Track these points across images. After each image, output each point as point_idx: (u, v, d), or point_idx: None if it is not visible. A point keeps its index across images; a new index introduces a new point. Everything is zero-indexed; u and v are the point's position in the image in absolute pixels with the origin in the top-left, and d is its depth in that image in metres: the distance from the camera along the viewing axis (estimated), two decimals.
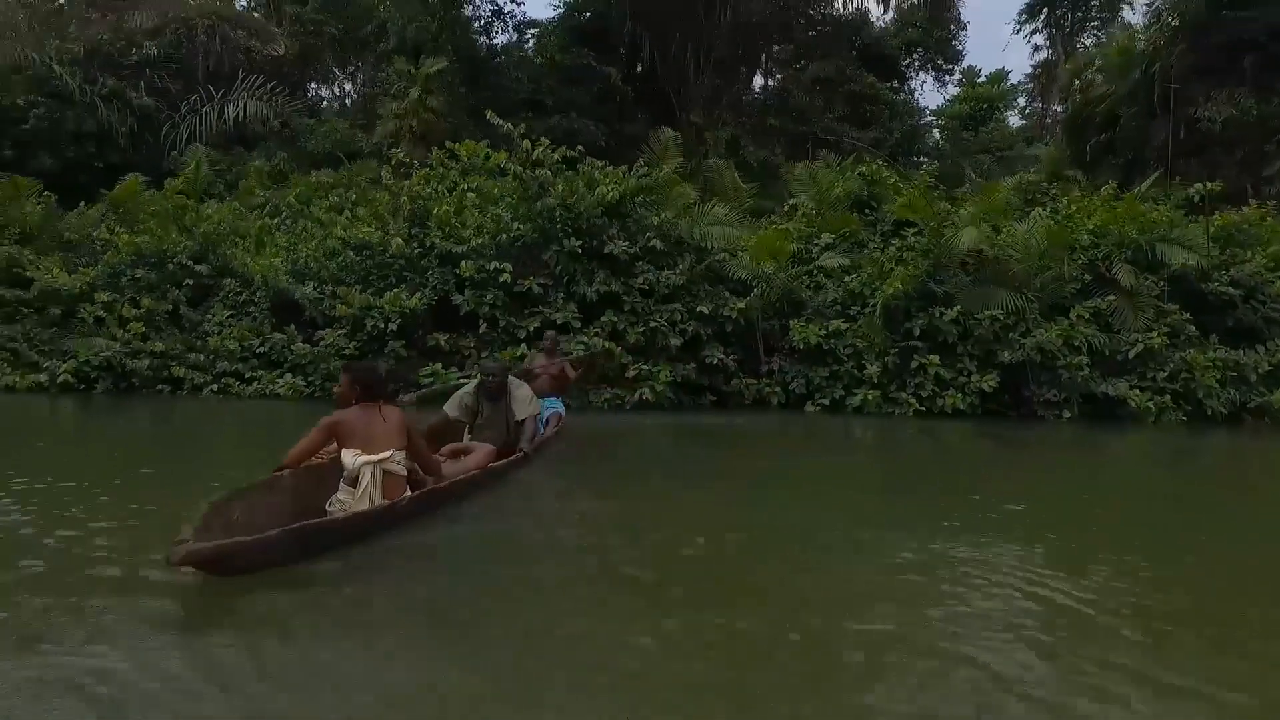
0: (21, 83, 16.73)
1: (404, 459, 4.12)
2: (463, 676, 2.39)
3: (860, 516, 4.96)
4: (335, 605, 3.01)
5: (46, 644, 2.49)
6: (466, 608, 3.03)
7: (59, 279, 11.83)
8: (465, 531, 4.27)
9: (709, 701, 2.26)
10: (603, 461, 7.37)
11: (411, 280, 11.22)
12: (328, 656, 2.49)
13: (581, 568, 3.71)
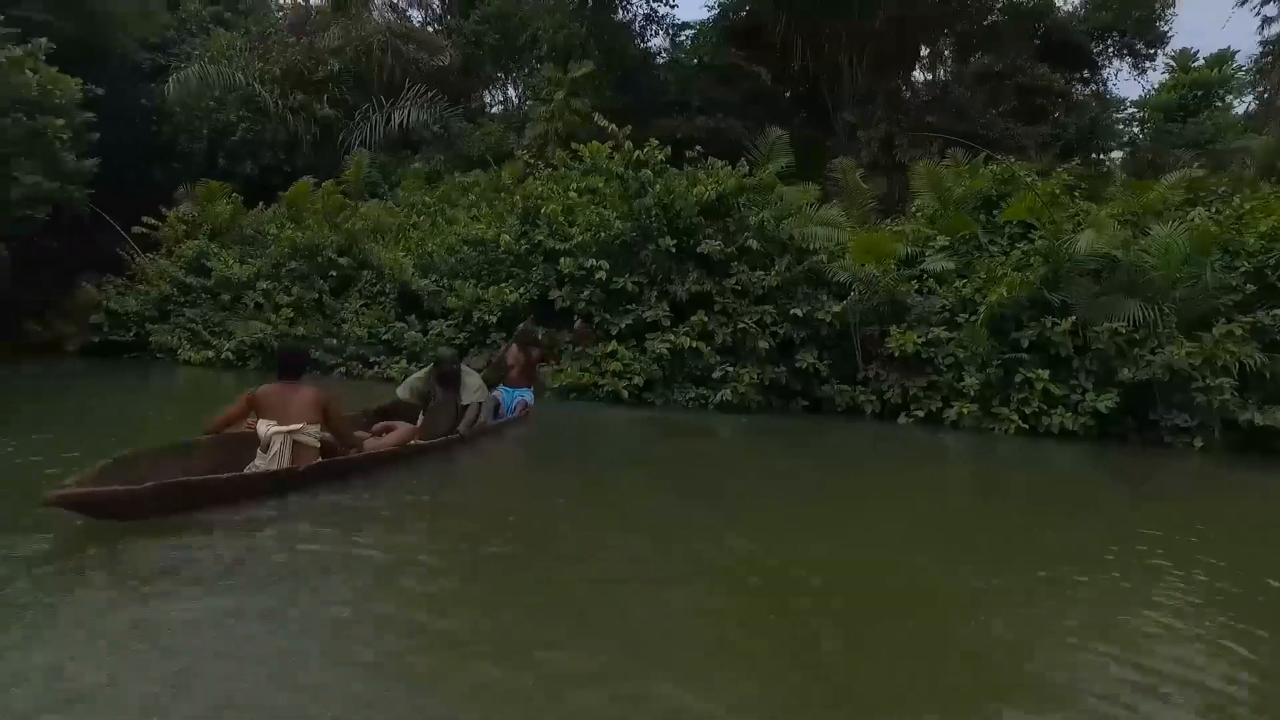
0: (234, 101, 19.14)
1: (316, 432, 4.44)
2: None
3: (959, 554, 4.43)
4: (196, 557, 3.38)
5: None
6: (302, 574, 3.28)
7: (232, 269, 13.48)
8: (385, 499, 4.75)
9: None
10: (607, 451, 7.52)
11: (518, 276, 11.77)
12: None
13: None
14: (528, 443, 7.88)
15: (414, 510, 4.74)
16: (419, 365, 11.62)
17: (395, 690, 2.42)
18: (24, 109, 12.81)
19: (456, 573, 3.62)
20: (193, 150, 19.13)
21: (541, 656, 2.66)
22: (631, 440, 8.61)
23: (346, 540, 3.80)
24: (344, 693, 2.38)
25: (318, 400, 4.78)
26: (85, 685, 2.34)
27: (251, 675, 2.43)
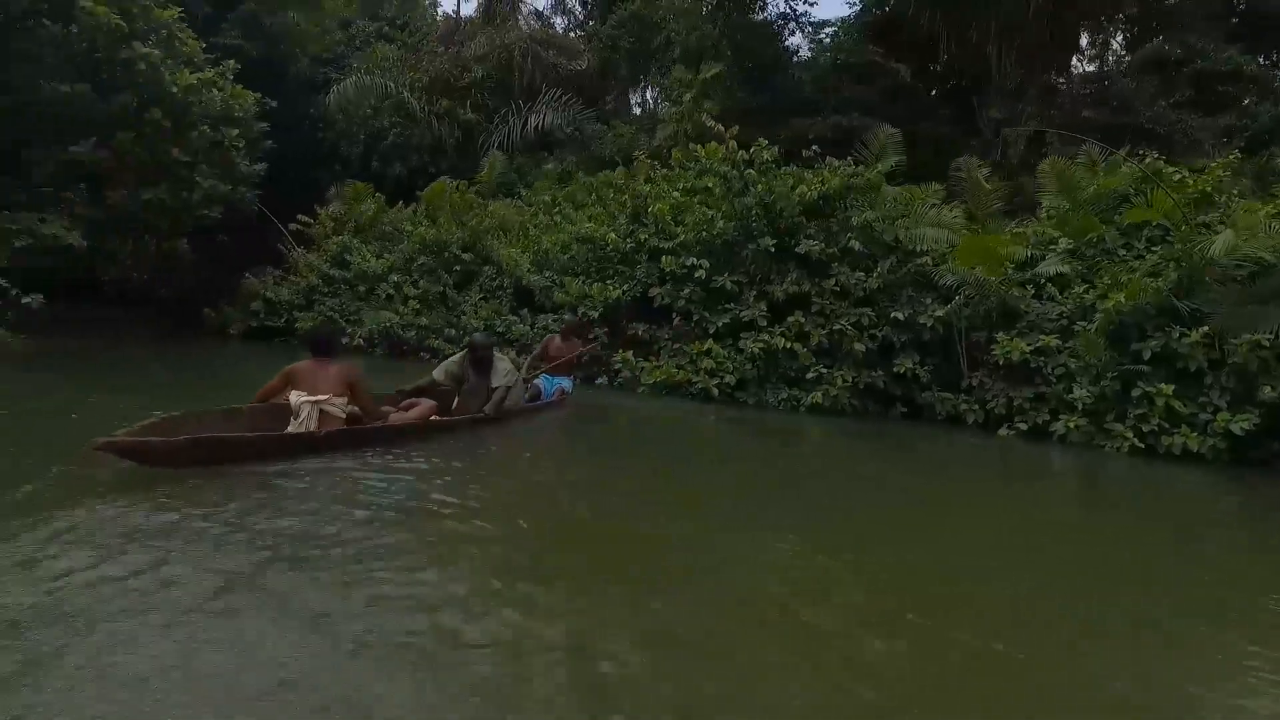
0: (387, 108, 20.72)
1: (343, 404, 4.88)
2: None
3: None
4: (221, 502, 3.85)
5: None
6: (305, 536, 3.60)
7: (369, 263, 14.61)
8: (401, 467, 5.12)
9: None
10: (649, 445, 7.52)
11: (623, 273, 12.03)
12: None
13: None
14: (603, 434, 8.11)
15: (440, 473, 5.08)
16: (521, 355, 12.26)
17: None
18: (208, 122, 14.44)
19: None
20: (351, 154, 20.83)
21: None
22: (713, 436, 8.63)
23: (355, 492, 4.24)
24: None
25: (345, 376, 5.41)
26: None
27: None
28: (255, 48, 19.97)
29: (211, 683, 2.27)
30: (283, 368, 5.41)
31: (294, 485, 4.36)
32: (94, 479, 4.14)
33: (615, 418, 9.37)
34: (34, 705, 2.10)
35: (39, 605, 2.65)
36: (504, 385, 6.81)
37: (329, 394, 5.24)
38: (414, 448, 5.62)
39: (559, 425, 8.21)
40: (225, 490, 4.06)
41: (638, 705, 2.37)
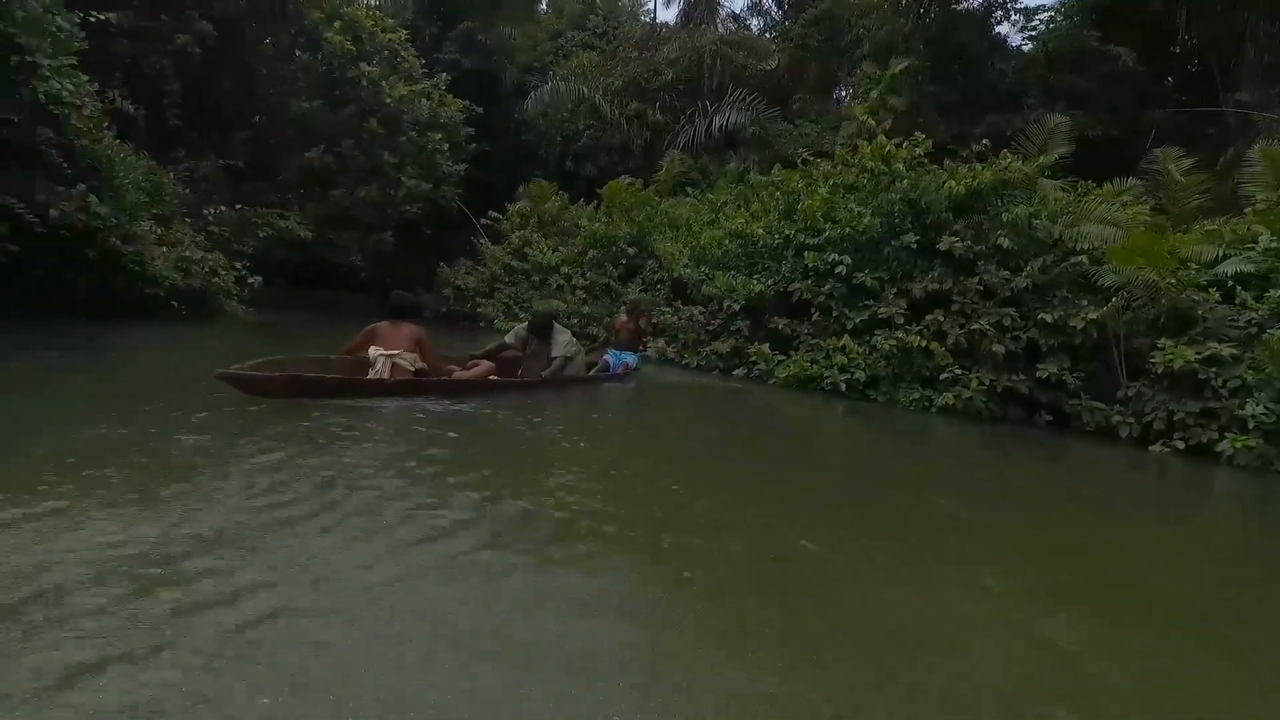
0: (581, 112, 22.15)
1: (412, 359, 6.21)
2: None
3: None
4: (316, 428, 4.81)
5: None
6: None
7: (545, 255, 15.87)
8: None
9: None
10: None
11: (771, 269, 12.21)
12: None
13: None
14: (715, 420, 8.45)
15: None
16: (672, 344, 12.81)
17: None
18: (417, 129, 16.41)
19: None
20: (548, 155, 22.50)
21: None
22: (836, 433, 8.70)
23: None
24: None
25: (414, 335, 6.56)
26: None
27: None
28: (471, 61, 22.16)
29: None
30: (369, 326, 6.60)
31: (369, 416, 5.53)
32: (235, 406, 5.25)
33: (742, 407, 9.68)
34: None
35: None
36: (562, 355, 7.70)
37: (400, 349, 6.35)
38: (469, 400, 6.60)
39: (691, 408, 8.91)
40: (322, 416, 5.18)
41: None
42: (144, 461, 3.93)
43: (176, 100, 13.58)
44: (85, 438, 4.19)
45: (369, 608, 2.60)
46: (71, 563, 2.63)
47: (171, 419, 4.69)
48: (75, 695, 1.95)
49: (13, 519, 2.95)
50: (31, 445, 4.04)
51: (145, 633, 2.26)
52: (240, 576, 2.70)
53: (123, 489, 3.44)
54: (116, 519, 3.07)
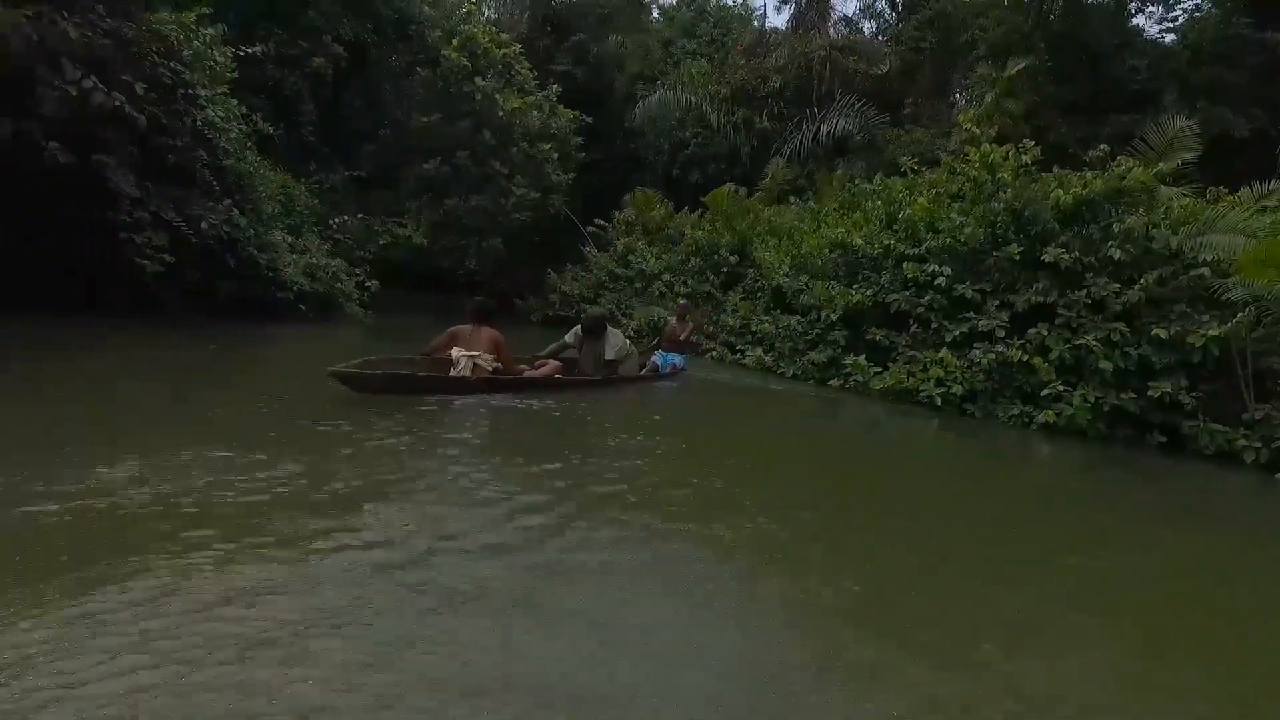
0: (690, 120, 22.41)
1: (490, 360, 6.89)
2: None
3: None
4: (413, 420, 5.55)
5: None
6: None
7: (649, 262, 16.20)
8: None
9: None
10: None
11: (870, 279, 12.05)
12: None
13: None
14: (825, 432, 8.52)
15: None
16: (768, 353, 12.83)
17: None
18: (528, 140, 17.09)
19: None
20: (655, 163, 22.86)
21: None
22: (928, 447, 8.58)
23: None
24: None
25: (494, 338, 7.22)
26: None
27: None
28: (582, 71, 22.81)
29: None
30: (451, 328, 7.33)
31: (455, 409, 6.49)
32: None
33: (836, 418, 9.72)
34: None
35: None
36: (616, 358, 8.53)
37: (480, 350, 7.04)
38: (540, 395, 7.43)
39: (783, 418, 9.19)
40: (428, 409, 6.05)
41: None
42: (295, 433, 5.24)
43: (311, 118, 14.72)
44: (251, 413, 5.75)
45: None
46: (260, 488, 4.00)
47: (302, 405, 5.92)
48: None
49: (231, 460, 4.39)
50: (216, 414, 5.70)
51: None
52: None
53: (286, 448, 4.79)
54: (299, 461, 4.52)
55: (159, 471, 4.08)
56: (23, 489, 3.63)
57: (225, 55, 10.48)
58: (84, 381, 6.59)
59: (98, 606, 2.60)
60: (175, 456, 4.36)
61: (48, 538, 3.15)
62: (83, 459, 4.18)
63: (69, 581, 2.77)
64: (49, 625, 2.46)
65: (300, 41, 14.74)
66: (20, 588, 2.70)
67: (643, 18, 27.12)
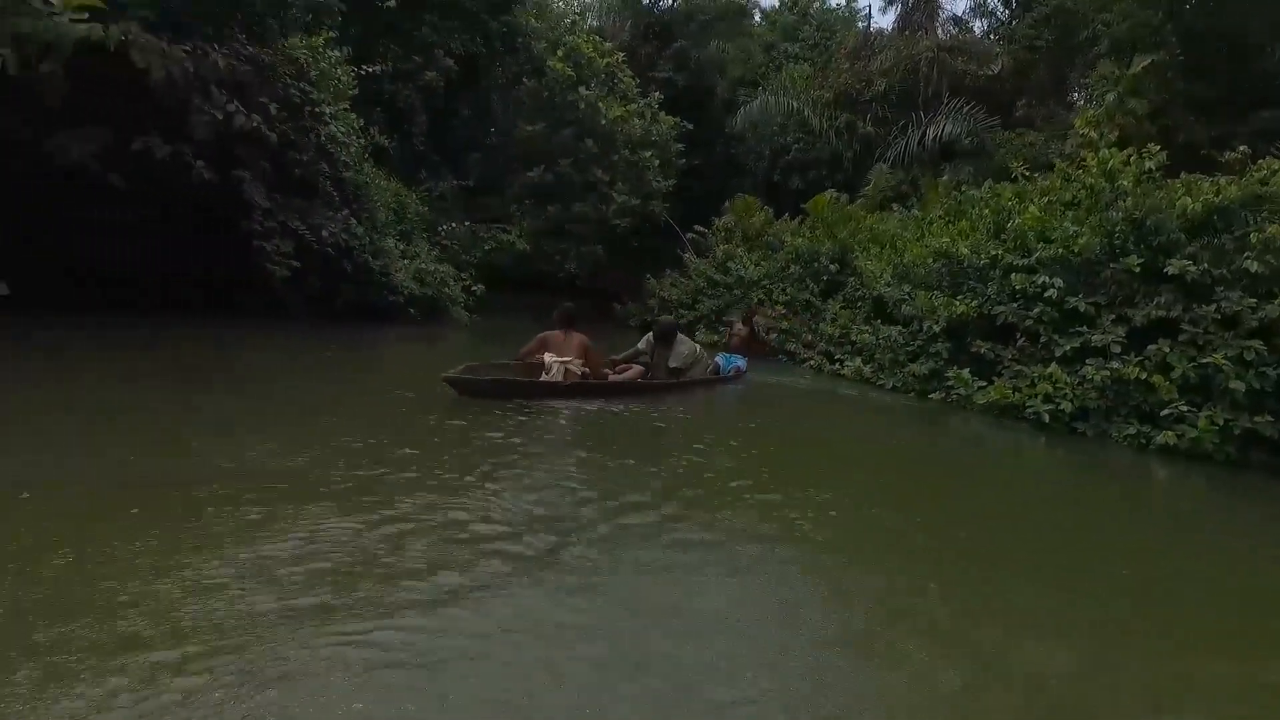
0: (791, 125, 22.23)
1: (579, 365, 7.55)
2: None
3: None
4: (518, 421, 6.10)
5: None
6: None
7: (748, 269, 16.17)
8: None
9: None
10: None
11: (976, 290, 11.68)
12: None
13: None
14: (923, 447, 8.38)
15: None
16: (867, 364, 12.61)
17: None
18: (629, 147, 17.36)
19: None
20: (756, 168, 22.78)
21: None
22: (1039, 468, 8.29)
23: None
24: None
25: (583, 344, 7.65)
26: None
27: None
28: (683, 77, 22.97)
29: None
30: (541, 334, 7.85)
31: (557, 413, 6.95)
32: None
33: (936, 432, 9.52)
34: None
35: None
36: (683, 365, 9.00)
37: (570, 356, 7.47)
38: (624, 399, 7.87)
39: (882, 431, 9.19)
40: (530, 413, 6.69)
41: None
42: (416, 429, 5.86)
43: (422, 129, 15.41)
44: (379, 414, 6.40)
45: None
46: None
47: (420, 404, 6.64)
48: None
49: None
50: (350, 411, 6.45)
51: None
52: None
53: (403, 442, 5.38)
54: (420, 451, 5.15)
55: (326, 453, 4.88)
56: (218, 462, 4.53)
57: (348, 74, 11.14)
58: (239, 376, 7.78)
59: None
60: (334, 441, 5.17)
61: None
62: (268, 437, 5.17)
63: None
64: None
65: (414, 56, 15.46)
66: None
67: (745, 22, 27.03)
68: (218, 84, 7.86)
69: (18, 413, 5.32)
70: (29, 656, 2.33)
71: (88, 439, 4.89)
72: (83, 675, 2.26)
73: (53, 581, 2.84)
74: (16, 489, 3.75)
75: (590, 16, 24.19)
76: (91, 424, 5.26)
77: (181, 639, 2.50)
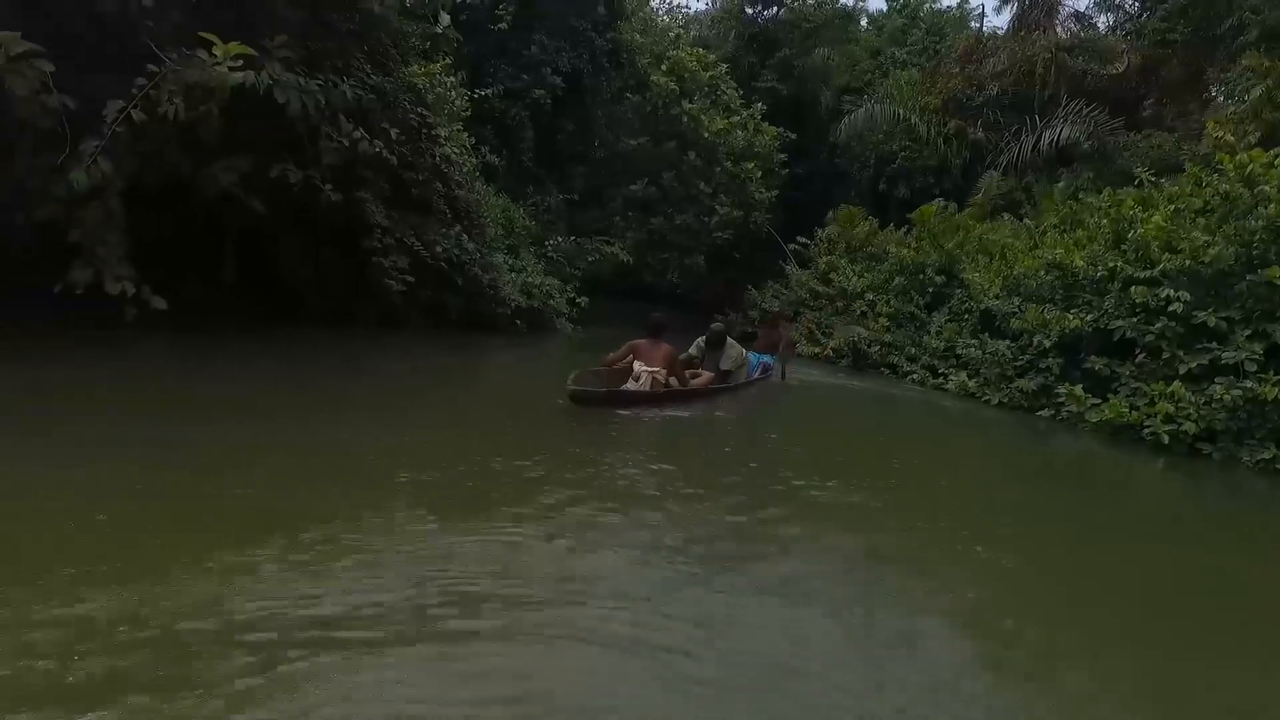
0: (898, 133, 21.76)
1: (665, 373, 7.93)
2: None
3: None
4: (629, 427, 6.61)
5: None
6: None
7: (850, 281, 15.96)
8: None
9: None
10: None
11: (1092, 303, 11.16)
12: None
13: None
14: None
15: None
16: (973, 379, 12.23)
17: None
18: (732, 159, 17.46)
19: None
20: (860, 177, 22.40)
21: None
22: (1164, 495, 7.91)
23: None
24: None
25: (669, 353, 8.04)
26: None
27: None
28: (787, 87, 22.88)
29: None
30: (628, 341, 8.32)
31: (651, 420, 7.59)
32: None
33: (1047, 451, 9.25)
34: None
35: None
36: (732, 367, 9.46)
37: (658, 365, 7.84)
38: (699, 404, 8.55)
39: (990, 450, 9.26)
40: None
41: None
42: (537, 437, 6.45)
43: (530, 145, 15.96)
44: (511, 419, 7.31)
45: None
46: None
47: (534, 413, 7.48)
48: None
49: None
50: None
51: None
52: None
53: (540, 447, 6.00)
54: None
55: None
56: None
57: (462, 97, 11.74)
58: (376, 384, 8.34)
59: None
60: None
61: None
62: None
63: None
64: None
65: (523, 75, 16.05)
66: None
67: (851, 29, 26.64)
68: (345, 113, 8.47)
69: (311, 403, 6.74)
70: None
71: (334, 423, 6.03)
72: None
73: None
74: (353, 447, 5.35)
75: (693, 29, 24.41)
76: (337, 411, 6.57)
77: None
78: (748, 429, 8.43)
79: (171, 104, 5.53)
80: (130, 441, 4.92)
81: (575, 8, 16.41)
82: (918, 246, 15.62)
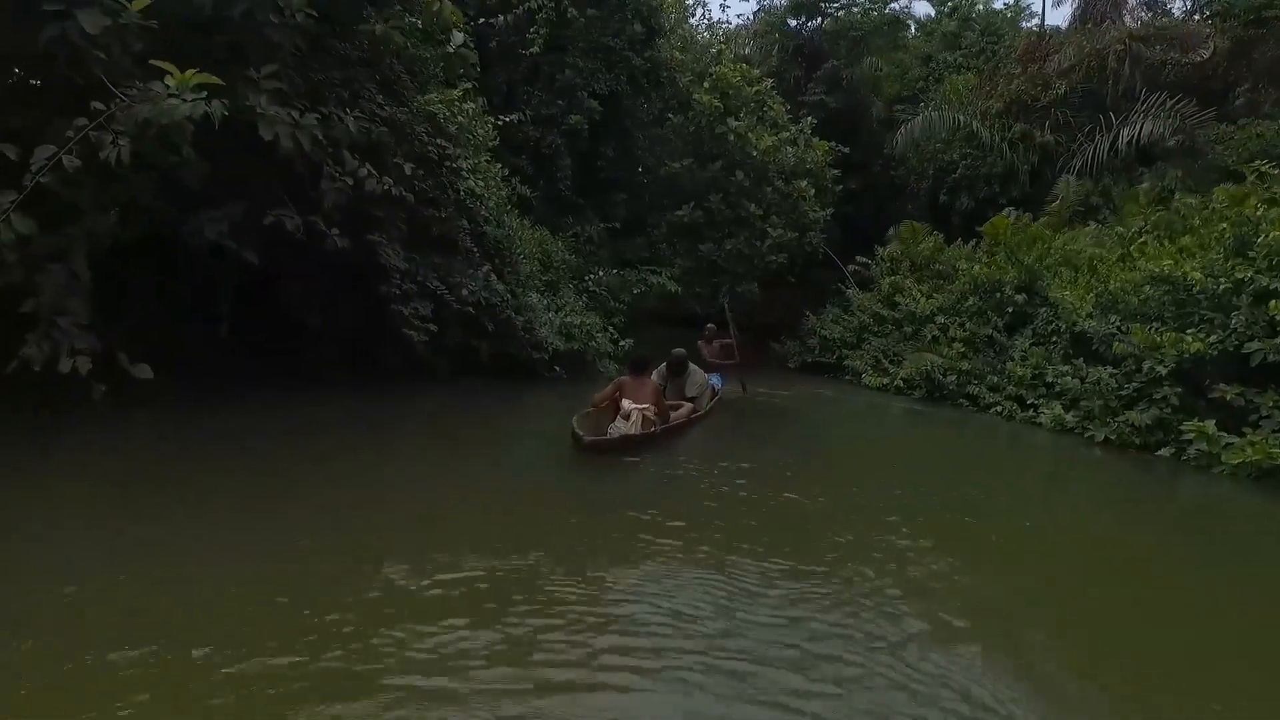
0: (957, 140, 20.31)
1: (654, 410, 7.79)
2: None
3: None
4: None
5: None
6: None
7: (918, 303, 14.57)
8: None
9: None
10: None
11: (1213, 320, 9.66)
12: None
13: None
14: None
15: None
16: (1070, 412, 10.75)
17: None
18: (782, 177, 16.28)
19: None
20: (919, 189, 20.96)
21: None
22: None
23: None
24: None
25: (656, 389, 8.13)
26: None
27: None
28: (836, 99, 21.67)
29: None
30: (616, 379, 8.38)
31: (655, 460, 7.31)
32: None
33: (1172, 497, 7.86)
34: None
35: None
36: (698, 392, 9.44)
37: (647, 403, 7.70)
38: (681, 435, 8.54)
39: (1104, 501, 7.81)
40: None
41: None
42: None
43: (568, 174, 15.02)
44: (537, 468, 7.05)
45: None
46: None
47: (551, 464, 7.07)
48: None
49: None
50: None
51: None
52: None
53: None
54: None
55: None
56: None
57: (486, 126, 10.82)
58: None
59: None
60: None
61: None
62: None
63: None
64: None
65: (558, 101, 15.16)
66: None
67: (900, 35, 25.32)
68: (352, 148, 7.56)
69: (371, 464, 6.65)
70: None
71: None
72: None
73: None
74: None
75: (735, 44, 23.39)
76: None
77: None
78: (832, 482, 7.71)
79: (116, 146, 4.63)
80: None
81: (610, 27, 15.48)
82: (991, 262, 14.19)
